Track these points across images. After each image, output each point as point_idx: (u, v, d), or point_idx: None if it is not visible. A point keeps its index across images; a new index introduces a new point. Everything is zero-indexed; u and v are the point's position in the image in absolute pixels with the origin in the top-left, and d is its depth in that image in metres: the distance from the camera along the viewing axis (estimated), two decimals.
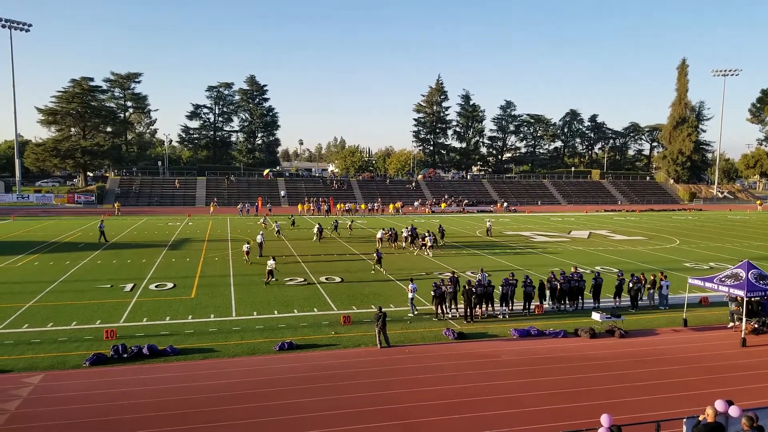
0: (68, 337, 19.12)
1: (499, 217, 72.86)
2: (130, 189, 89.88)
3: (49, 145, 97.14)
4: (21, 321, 21.00)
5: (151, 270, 31.58)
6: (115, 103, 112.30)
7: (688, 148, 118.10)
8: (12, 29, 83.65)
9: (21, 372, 15.90)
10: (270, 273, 28.18)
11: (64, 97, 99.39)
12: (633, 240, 47.94)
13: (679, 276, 29.47)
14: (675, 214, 79.67)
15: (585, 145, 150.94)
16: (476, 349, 18.60)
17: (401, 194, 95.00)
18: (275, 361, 17.27)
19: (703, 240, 48.37)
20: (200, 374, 16.00)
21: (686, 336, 20.54)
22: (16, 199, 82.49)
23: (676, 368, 17.00)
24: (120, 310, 22.83)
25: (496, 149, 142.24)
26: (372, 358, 17.60)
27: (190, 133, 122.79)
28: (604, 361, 17.59)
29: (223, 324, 21.05)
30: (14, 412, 13.34)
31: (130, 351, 17.34)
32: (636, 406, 14.16)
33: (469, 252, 39.87)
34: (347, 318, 21.36)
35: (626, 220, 68.25)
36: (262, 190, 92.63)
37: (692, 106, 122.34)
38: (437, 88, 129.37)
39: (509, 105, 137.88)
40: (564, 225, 61.39)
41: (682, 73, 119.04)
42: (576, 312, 23.50)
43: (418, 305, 23.37)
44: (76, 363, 16.68)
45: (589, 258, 37.50)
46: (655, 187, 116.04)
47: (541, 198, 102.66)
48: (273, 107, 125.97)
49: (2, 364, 16.47)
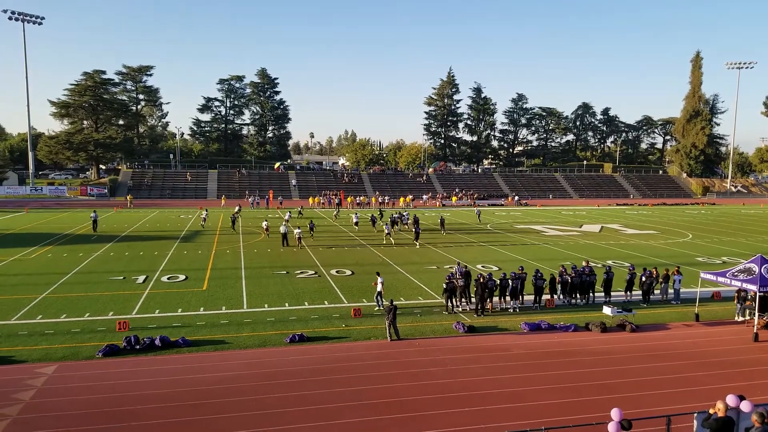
0: (81, 329, 19.32)
1: (510, 210, 72.63)
2: (142, 182, 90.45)
3: (62, 138, 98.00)
4: (35, 312, 21.25)
5: (164, 262, 31.81)
6: (128, 96, 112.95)
7: (702, 142, 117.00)
8: (25, 22, 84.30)
9: (35, 362, 16.10)
10: (299, 239, 36.99)
11: (76, 90, 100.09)
12: (645, 234, 47.62)
13: (691, 270, 29.25)
14: (688, 209, 78.99)
15: (597, 138, 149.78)
16: (486, 343, 18.59)
17: (412, 188, 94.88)
18: (286, 353, 17.37)
19: (716, 234, 47.97)
20: (212, 366, 16.13)
21: (698, 331, 20.42)
22: (30, 192, 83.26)
23: (688, 363, 16.91)
24: (132, 301, 23.04)
25: (508, 142, 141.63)
26: (382, 350, 17.65)
27: (202, 126, 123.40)
28: (614, 355, 17.53)
29: (235, 316, 21.19)
30: (28, 401, 13.52)
31: (143, 342, 17.49)
32: (646, 400, 14.12)
33: (479, 245, 39.80)
34: (357, 311, 21.43)
35: (638, 214, 67.79)
36: (273, 183, 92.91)
37: (706, 99, 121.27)
38: (448, 81, 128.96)
39: (521, 98, 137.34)
40: (575, 219, 61.08)
41: (696, 66, 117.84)
42: (587, 306, 23.42)
43: (427, 298, 23.39)
44: (90, 354, 16.86)
45: (601, 252, 37.31)
46: (668, 181, 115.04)
47: (552, 192, 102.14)
48: (284, 100, 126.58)
49: (17, 355, 16.69)
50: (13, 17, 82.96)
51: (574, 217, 63.76)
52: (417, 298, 23.94)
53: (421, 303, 23.28)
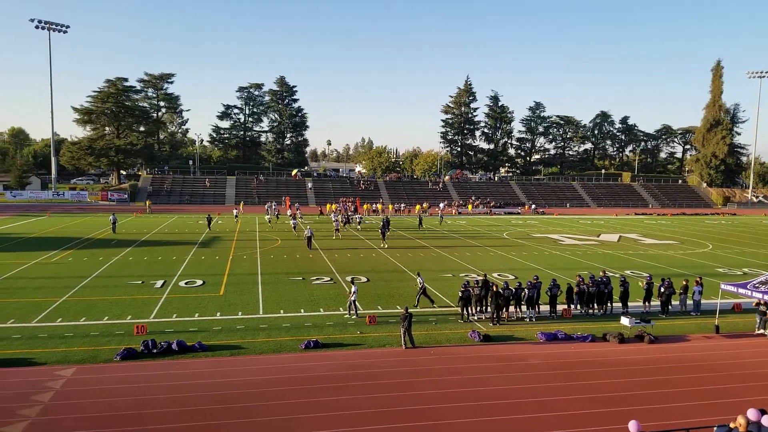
0: (100, 332, 19.55)
1: (526, 219, 72.22)
2: (161, 187, 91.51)
3: (84, 144, 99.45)
4: (55, 315, 21.54)
5: (181, 267, 32.10)
6: (148, 103, 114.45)
7: (722, 151, 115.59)
8: (51, 31, 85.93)
9: (54, 365, 16.31)
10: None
11: (99, 97, 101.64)
12: (664, 244, 47.05)
13: (711, 281, 28.84)
14: (708, 219, 77.95)
15: (615, 147, 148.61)
16: (502, 352, 18.47)
17: (428, 195, 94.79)
18: (301, 359, 17.40)
19: (736, 245, 47.26)
20: (227, 370, 16.21)
21: (718, 343, 20.11)
22: (52, 196, 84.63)
23: (707, 375, 16.65)
24: (150, 306, 23.26)
25: (525, 151, 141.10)
26: (397, 358, 17.62)
27: (221, 133, 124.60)
28: (632, 366, 17.31)
29: (251, 321, 21.30)
30: (47, 403, 13.70)
31: (160, 346, 17.64)
32: (665, 412, 13.90)
33: (495, 253, 39.61)
34: (372, 318, 21.42)
35: (657, 224, 67.04)
36: (291, 189, 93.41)
37: (727, 108, 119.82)
38: (465, 89, 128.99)
39: (538, 106, 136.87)
40: (593, 228, 60.57)
41: (717, 75, 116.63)
42: (605, 316, 23.18)
43: (441, 305, 23.30)
44: (108, 357, 17.04)
45: (619, 262, 36.94)
46: (688, 191, 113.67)
47: (569, 200, 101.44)
48: (302, 108, 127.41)
49: (36, 357, 16.92)
50: (39, 26, 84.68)
51: (592, 226, 63.22)
52: (432, 306, 23.87)
53: (436, 311, 23.21)
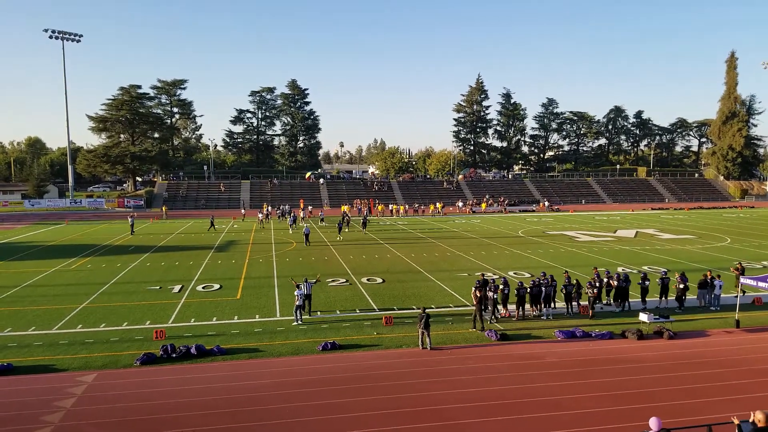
0: (120, 338, 19.77)
1: (542, 216, 71.83)
2: (177, 193, 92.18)
3: (99, 152, 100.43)
4: (75, 321, 21.82)
5: (198, 272, 32.34)
6: (162, 110, 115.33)
7: (739, 144, 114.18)
8: (64, 40, 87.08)
9: (76, 371, 16.52)
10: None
11: (113, 105, 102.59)
12: (682, 239, 46.58)
13: (730, 275, 28.49)
14: (725, 212, 76.97)
15: (630, 142, 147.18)
16: (520, 351, 18.41)
17: (442, 195, 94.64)
18: (318, 361, 17.47)
19: (755, 238, 46.64)
20: (246, 374, 16.33)
21: (739, 338, 19.86)
22: (70, 204, 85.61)
23: (728, 371, 16.46)
24: (169, 310, 23.48)
25: (538, 148, 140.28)
26: (414, 359, 17.63)
27: (234, 137, 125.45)
28: (652, 363, 17.17)
29: (268, 324, 21.42)
30: (69, 409, 13.88)
31: (179, 351, 17.80)
32: (686, 409, 13.79)
33: (511, 252, 39.44)
34: (389, 319, 21.44)
35: (674, 219, 66.35)
36: (305, 192, 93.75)
37: (742, 99, 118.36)
38: (477, 88, 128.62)
39: (551, 102, 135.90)
40: (609, 224, 60.09)
41: (731, 66, 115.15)
42: (623, 313, 22.99)
43: (457, 305, 23.25)
44: (128, 362, 17.23)
45: (636, 258, 36.62)
46: (704, 185, 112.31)
47: (585, 197, 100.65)
48: (314, 110, 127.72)
49: (58, 363, 17.16)
50: (53, 36, 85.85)
51: (608, 222, 62.74)
52: (448, 306, 23.85)
53: (452, 311, 23.19)
